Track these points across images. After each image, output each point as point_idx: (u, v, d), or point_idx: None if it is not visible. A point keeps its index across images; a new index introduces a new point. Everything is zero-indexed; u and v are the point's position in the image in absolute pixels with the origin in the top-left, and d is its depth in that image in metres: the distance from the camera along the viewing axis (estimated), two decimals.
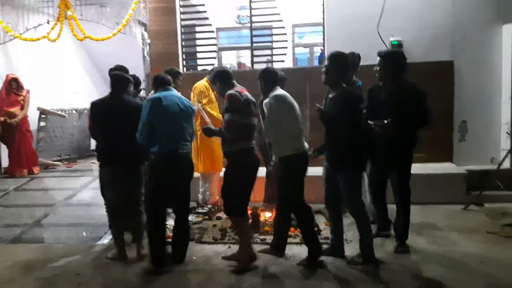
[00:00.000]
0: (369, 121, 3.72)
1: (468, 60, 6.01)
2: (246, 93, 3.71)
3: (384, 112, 3.72)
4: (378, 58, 3.86)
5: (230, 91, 3.63)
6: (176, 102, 3.79)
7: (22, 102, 6.76)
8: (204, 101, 5.14)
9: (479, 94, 6.03)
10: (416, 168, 4.30)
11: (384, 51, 3.94)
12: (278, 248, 3.94)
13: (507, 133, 5.68)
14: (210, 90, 5.19)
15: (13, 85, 6.72)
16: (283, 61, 6.67)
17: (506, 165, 5.41)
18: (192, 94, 5.22)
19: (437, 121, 5.39)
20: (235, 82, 3.79)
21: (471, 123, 6.08)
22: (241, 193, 3.68)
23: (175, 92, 3.95)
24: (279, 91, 3.76)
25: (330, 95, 3.70)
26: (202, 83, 5.26)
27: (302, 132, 3.79)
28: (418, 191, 4.01)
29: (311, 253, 3.75)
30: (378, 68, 3.86)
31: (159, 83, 3.96)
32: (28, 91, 6.88)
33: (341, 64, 3.64)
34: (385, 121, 3.65)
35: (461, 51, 6.02)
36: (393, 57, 3.86)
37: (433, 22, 6.02)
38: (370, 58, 5.14)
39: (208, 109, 5.07)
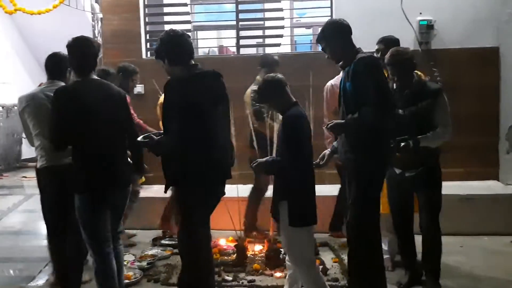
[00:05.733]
0: None
1: None
2: None
3: None
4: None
5: None
6: None
7: None
8: None
9: None
10: (450, 187, 4.31)
11: None
12: None
13: None
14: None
15: None
16: (278, 44, 6.69)
17: None
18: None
19: (478, 127, 5.49)
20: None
21: None
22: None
23: None
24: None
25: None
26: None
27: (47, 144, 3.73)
28: (452, 217, 4.03)
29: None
30: None
31: None
32: None
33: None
34: None
35: (509, 35, 6.10)
36: None
37: None
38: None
39: None
